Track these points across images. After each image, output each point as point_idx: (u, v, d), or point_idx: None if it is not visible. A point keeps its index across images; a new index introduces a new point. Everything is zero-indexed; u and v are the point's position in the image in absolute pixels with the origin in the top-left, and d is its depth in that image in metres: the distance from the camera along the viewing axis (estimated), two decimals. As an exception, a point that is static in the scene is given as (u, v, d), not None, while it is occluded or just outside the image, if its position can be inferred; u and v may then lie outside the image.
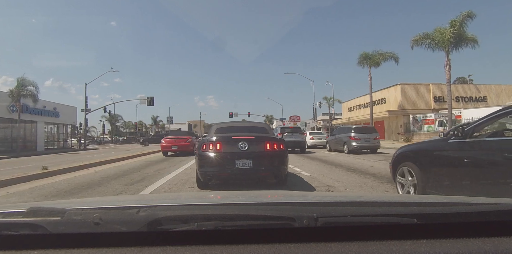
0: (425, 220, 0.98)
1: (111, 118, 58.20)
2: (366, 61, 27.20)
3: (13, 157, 18.38)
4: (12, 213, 1.10)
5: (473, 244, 0.88)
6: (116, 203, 1.53)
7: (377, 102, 31.79)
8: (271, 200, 1.69)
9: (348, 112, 40.49)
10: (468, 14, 19.57)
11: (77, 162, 11.02)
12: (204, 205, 1.35)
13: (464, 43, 19.86)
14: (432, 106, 29.33)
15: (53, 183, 6.57)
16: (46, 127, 30.55)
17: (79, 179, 7.02)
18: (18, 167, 10.81)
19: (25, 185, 6.32)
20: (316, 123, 46.19)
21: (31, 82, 23.24)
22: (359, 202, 1.44)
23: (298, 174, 7.26)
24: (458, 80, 43.99)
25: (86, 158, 13.52)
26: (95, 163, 10.47)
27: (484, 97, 30.38)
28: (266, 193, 2.34)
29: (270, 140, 5.19)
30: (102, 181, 6.62)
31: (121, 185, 6.02)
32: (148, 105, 32.35)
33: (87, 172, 8.42)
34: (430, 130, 24.75)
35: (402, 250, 0.86)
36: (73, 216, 0.94)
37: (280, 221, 0.97)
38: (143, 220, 0.92)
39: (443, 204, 1.28)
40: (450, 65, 19.87)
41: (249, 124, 7.19)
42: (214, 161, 4.90)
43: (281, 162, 5.12)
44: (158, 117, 75.06)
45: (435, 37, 19.98)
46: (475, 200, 1.40)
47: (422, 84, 30.47)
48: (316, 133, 23.43)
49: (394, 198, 1.80)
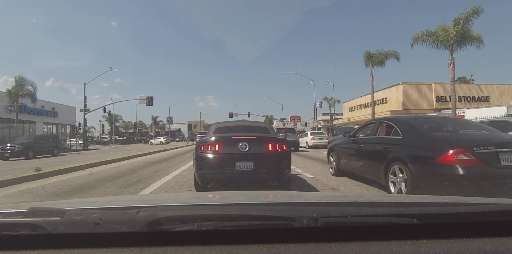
0: (425, 220, 0.98)
1: (110, 118, 58.19)
2: (369, 60, 27.14)
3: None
4: (12, 213, 1.10)
5: (473, 244, 0.89)
6: (116, 203, 1.53)
7: (378, 102, 31.71)
8: (271, 200, 1.69)
9: (349, 112, 40.45)
10: (475, 10, 18.45)
11: (73, 163, 10.80)
12: (204, 205, 1.35)
13: (469, 42, 19.11)
14: (434, 106, 29.25)
15: (44, 185, 6.37)
16: (45, 127, 30.57)
17: (72, 181, 6.84)
18: (13, 167, 10.75)
19: (13, 188, 6.12)
20: (317, 123, 46.13)
21: (29, 82, 23.31)
22: (359, 202, 1.44)
23: (301, 175, 7.15)
24: (459, 80, 43.92)
25: (84, 159, 13.47)
26: (91, 164, 10.18)
27: (486, 97, 30.27)
28: (266, 193, 2.34)
29: (272, 140, 4.93)
30: (96, 183, 6.45)
31: (116, 188, 5.87)
32: (148, 105, 32.34)
33: (81, 174, 8.25)
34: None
35: (402, 250, 0.86)
36: (73, 216, 0.94)
37: (280, 221, 0.97)
38: (143, 220, 0.92)
39: (443, 205, 1.28)
40: (454, 64, 19.37)
41: (250, 123, 6.94)
42: (212, 163, 4.66)
43: (284, 164, 4.85)
44: (158, 117, 75.14)
45: (439, 35, 19.33)
46: (475, 201, 1.40)
47: (424, 84, 30.41)
48: (317, 133, 23.49)
49: (394, 198, 1.80)
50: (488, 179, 3.61)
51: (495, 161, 3.65)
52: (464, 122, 5.77)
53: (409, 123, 4.95)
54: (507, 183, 3.61)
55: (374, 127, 5.88)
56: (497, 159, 3.66)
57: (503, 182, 3.62)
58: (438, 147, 3.94)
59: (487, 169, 3.62)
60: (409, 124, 4.89)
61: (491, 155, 3.66)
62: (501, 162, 3.65)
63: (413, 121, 5.10)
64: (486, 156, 3.65)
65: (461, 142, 3.96)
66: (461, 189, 3.58)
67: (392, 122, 5.14)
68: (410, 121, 5.09)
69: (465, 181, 3.61)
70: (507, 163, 3.64)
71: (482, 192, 3.61)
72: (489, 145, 3.70)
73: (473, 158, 3.62)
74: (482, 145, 3.70)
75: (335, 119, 47.10)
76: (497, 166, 3.63)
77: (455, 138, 4.24)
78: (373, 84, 27.83)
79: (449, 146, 3.81)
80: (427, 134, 4.44)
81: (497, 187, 3.64)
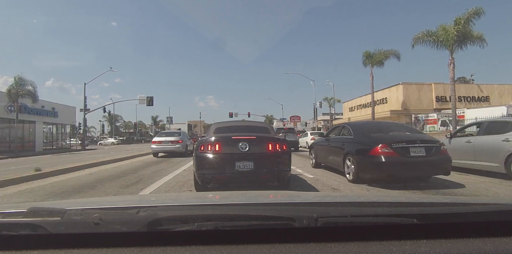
0: (425, 220, 0.98)
1: (110, 118, 58.21)
2: (369, 60, 27.06)
3: (10, 158, 18.32)
4: (12, 213, 1.10)
5: (473, 244, 0.89)
6: (116, 203, 1.53)
7: (378, 102, 31.73)
8: (271, 200, 1.69)
9: (349, 112, 40.47)
10: (476, 11, 18.36)
11: (73, 163, 10.77)
12: (204, 205, 1.35)
13: (470, 42, 19.03)
14: (434, 106, 29.30)
15: (44, 185, 6.35)
16: (45, 127, 30.51)
17: (72, 181, 6.82)
18: (13, 168, 10.71)
19: (13, 188, 6.11)
20: (317, 123, 46.13)
21: (29, 82, 23.22)
22: (359, 202, 1.44)
23: (301, 175, 7.15)
24: (459, 80, 43.91)
25: (83, 159, 13.46)
26: (90, 164, 10.14)
27: (486, 97, 30.29)
28: (266, 193, 2.34)
29: (272, 140, 4.93)
30: (96, 184, 6.42)
31: (116, 188, 5.86)
32: (148, 105, 32.36)
33: (81, 174, 8.24)
34: (432, 130, 24.55)
35: (402, 250, 0.86)
36: (73, 216, 0.94)
37: (280, 221, 0.97)
38: (143, 220, 0.92)
39: (443, 205, 1.28)
40: (454, 64, 19.34)
41: (250, 123, 6.93)
42: (212, 163, 4.65)
43: (284, 164, 4.86)
44: (158, 117, 75.13)
45: (439, 35, 19.28)
46: (475, 201, 1.41)
47: (424, 84, 30.42)
48: (318, 133, 23.49)
49: (394, 198, 1.80)
50: (401, 164, 5.39)
51: (406, 153, 5.41)
52: (397, 126, 7.40)
53: (358, 126, 6.94)
54: (413, 167, 5.42)
55: (339, 129, 7.60)
56: (407, 151, 5.43)
57: (411, 166, 5.42)
58: (371, 143, 5.65)
59: (400, 158, 5.37)
60: (358, 127, 6.85)
61: (404, 148, 5.44)
62: (410, 153, 5.43)
63: (362, 125, 7.52)
64: (400, 149, 5.42)
65: (385, 140, 5.64)
66: (386, 171, 5.40)
67: (349, 126, 7.00)
68: (359, 125, 7.48)
69: (386, 166, 5.34)
70: (414, 154, 5.43)
71: (398, 172, 5.45)
72: (402, 142, 5.52)
73: (391, 151, 5.39)
74: (398, 142, 5.51)
75: (335, 119, 47.08)
76: (407, 156, 5.41)
77: (382, 138, 5.87)
78: (373, 84, 27.86)
79: (377, 142, 5.54)
80: (367, 134, 6.18)
81: (407, 170, 5.47)
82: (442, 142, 5.95)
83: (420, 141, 5.57)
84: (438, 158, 5.54)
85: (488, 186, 5.52)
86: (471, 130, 8.57)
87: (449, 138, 7.56)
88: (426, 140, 5.71)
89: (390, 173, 5.39)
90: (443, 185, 5.65)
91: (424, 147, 5.48)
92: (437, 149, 5.57)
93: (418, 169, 5.45)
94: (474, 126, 7.97)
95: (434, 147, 5.56)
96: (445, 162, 5.58)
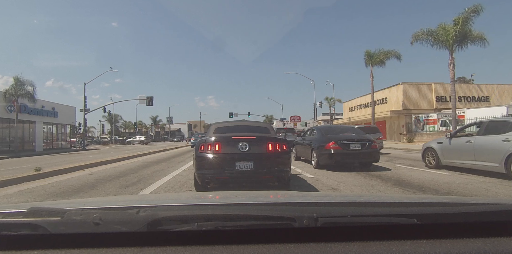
0: (425, 220, 0.98)
1: (110, 118, 58.19)
2: (369, 60, 26.98)
3: (10, 158, 18.32)
4: (12, 213, 1.10)
5: (473, 244, 0.88)
6: (116, 203, 1.53)
7: (378, 102, 31.70)
8: (271, 200, 1.69)
9: (349, 112, 40.46)
10: (474, 9, 18.20)
11: (73, 163, 10.78)
12: (204, 205, 1.35)
13: (470, 41, 18.88)
14: (434, 106, 29.30)
15: (44, 185, 6.35)
16: (45, 127, 30.49)
17: (72, 181, 6.82)
18: (13, 167, 10.72)
19: (13, 188, 6.11)
20: (317, 123, 46.14)
21: (28, 82, 23.19)
22: (359, 202, 1.44)
23: (301, 175, 7.16)
24: (459, 80, 43.90)
25: (83, 159, 13.46)
26: (90, 164, 10.16)
27: (486, 97, 30.27)
28: (266, 193, 2.34)
29: (273, 140, 4.91)
30: (96, 183, 6.44)
31: (116, 188, 5.86)
32: (148, 105, 32.35)
33: (81, 174, 8.25)
34: (432, 130, 24.58)
35: (402, 250, 0.86)
36: (73, 216, 0.94)
37: (280, 221, 0.97)
38: (143, 220, 0.92)
39: (443, 204, 1.28)
40: (454, 64, 19.25)
41: (250, 123, 6.92)
42: (212, 163, 4.65)
43: (284, 164, 4.86)
44: (157, 117, 75.24)
45: (439, 35, 19.10)
46: (475, 201, 1.41)
47: (424, 84, 30.40)
48: None
49: (394, 198, 1.80)
50: (344, 155, 7.97)
51: (347, 147, 8.00)
52: (348, 129, 10.09)
53: (320, 129, 9.67)
54: (352, 156, 8.00)
55: (310, 130, 10.29)
56: (348, 146, 8.02)
57: (351, 156, 8.01)
58: (326, 141, 8.20)
59: (343, 151, 7.94)
60: (321, 129, 9.65)
61: (346, 144, 8.03)
62: (350, 147, 8.02)
63: (322, 128, 10.50)
64: (343, 145, 7.99)
65: (334, 139, 8.16)
66: (334, 159, 7.96)
67: (315, 128, 10.01)
68: (321, 128, 10.35)
69: (334, 156, 7.92)
70: (353, 148, 8.02)
71: (342, 160, 7.99)
72: (345, 140, 8.13)
73: (337, 146, 7.93)
74: (342, 140, 8.12)
75: (335, 119, 47.11)
76: (348, 149, 7.99)
77: (334, 137, 8.36)
78: (373, 84, 27.77)
79: (329, 141, 8.13)
80: (325, 135, 8.75)
81: (348, 158, 8.02)
82: (374, 140, 8.78)
83: (357, 139, 8.24)
84: (370, 151, 8.08)
85: (488, 186, 5.52)
86: (471, 130, 8.56)
87: (449, 138, 7.52)
88: (362, 139, 8.31)
89: (337, 161, 7.96)
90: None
91: (360, 143, 8.06)
92: (370, 145, 8.12)
93: (356, 158, 8.03)
94: (474, 126, 7.95)
95: (367, 143, 8.11)
96: (375, 153, 8.23)
